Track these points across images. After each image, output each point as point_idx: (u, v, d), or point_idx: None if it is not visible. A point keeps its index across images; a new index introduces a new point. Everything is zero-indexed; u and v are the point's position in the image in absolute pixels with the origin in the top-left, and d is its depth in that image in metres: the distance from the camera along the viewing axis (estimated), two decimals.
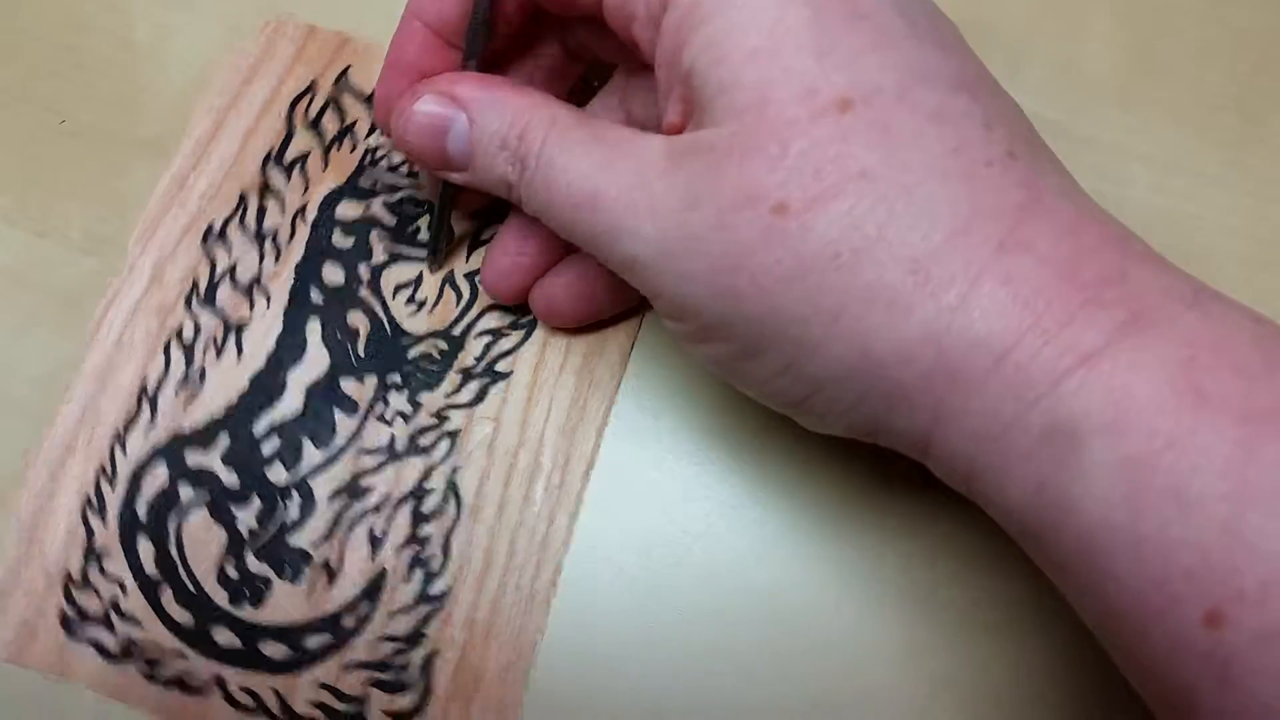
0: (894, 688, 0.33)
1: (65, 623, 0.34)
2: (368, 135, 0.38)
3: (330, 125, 0.38)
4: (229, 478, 0.34)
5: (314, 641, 0.33)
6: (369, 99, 0.38)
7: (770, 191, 0.24)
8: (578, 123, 0.28)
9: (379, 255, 0.36)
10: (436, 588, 0.33)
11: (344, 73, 0.38)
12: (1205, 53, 0.38)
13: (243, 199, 0.37)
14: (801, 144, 0.24)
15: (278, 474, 0.34)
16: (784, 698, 0.33)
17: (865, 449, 0.34)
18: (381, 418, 0.35)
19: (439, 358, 0.35)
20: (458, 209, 0.36)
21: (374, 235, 0.36)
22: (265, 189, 0.37)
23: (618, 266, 0.27)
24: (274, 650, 0.33)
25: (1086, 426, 0.22)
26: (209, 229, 0.37)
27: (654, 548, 0.34)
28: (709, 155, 0.25)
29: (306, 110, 0.38)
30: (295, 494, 0.34)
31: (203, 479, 0.34)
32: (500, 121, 0.29)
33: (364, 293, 0.36)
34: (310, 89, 0.38)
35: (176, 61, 0.39)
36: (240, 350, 0.35)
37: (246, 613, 0.33)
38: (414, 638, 0.33)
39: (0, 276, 0.37)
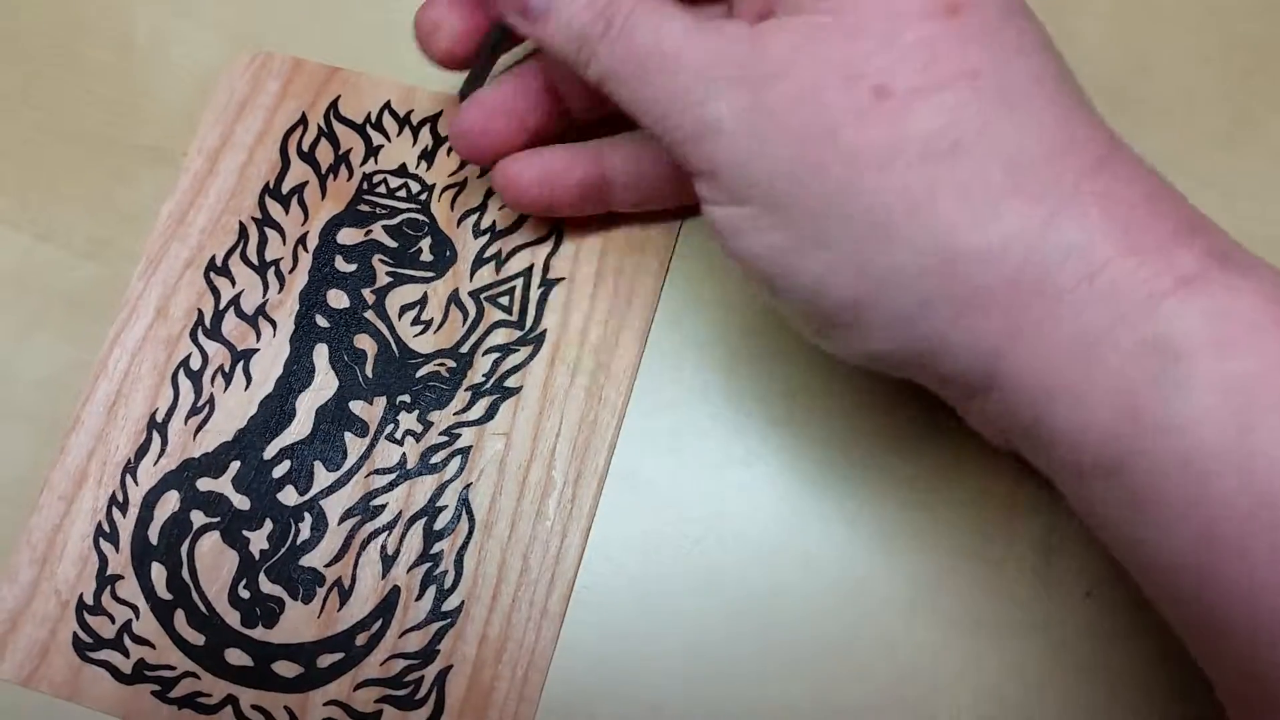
0: (896, 687, 0.33)
1: (78, 646, 0.34)
2: (363, 162, 0.38)
3: (324, 155, 0.38)
4: (240, 502, 0.35)
5: (326, 660, 0.33)
6: (361, 127, 0.38)
7: (874, 73, 0.24)
8: None
9: (382, 278, 0.36)
10: (449, 604, 0.33)
11: (334, 103, 0.39)
12: (1198, 54, 0.38)
13: (243, 231, 0.37)
14: (912, 35, 0.24)
15: (289, 496, 0.34)
16: (790, 699, 0.33)
17: (868, 450, 0.35)
18: (392, 437, 0.35)
19: (447, 376, 0.35)
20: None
21: (376, 259, 0.37)
22: (265, 220, 0.37)
23: (687, 133, 0.26)
24: (286, 669, 0.33)
25: (1188, 344, 0.21)
26: (211, 262, 0.37)
27: (658, 551, 0.34)
28: (811, 30, 0.24)
29: (300, 141, 0.38)
30: (307, 515, 0.34)
31: (214, 504, 0.35)
32: None
33: (369, 315, 0.36)
34: (302, 121, 0.39)
35: (177, 68, 0.40)
36: (249, 377, 0.36)
37: (259, 633, 0.33)
38: (427, 654, 0.33)
39: (3, 279, 0.38)
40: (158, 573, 0.34)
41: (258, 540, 0.34)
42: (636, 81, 0.26)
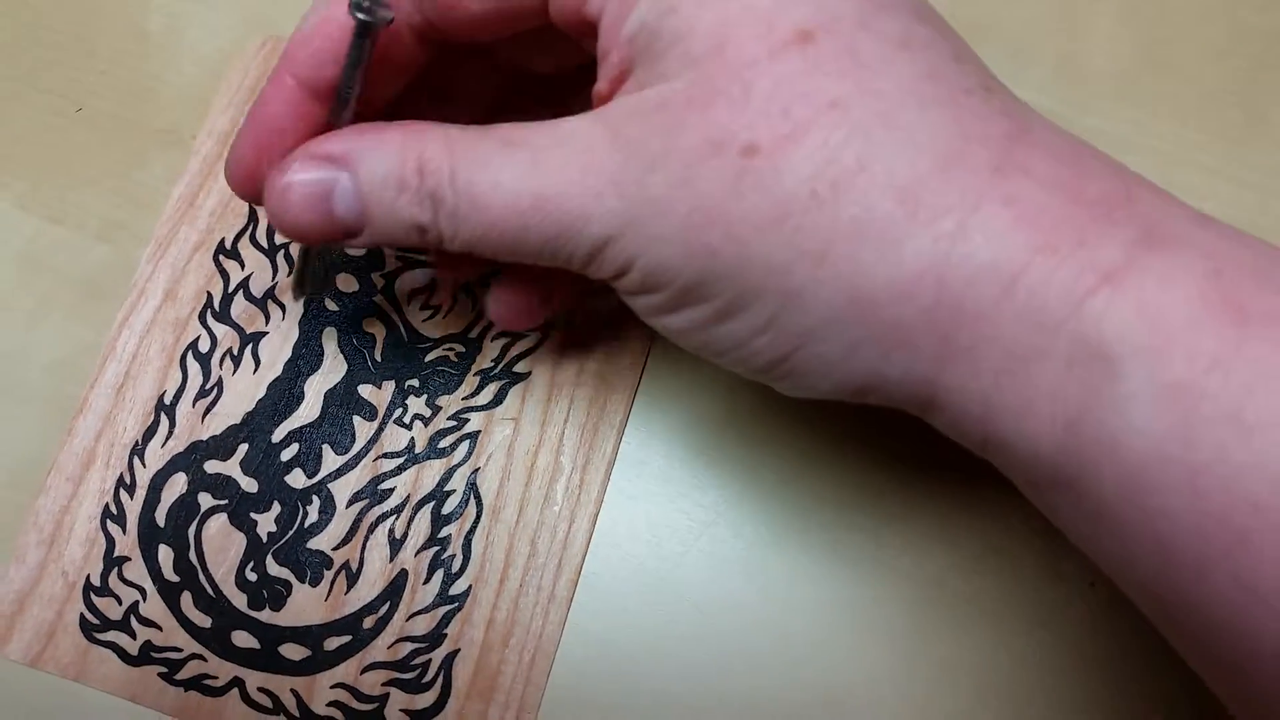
0: (901, 674, 0.33)
1: (85, 627, 0.34)
2: None
3: None
4: (248, 484, 0.35)
5: (333, 643, 0.33)
6: None
7: (736, 135, 0.22)
8: (478, 135, 0.25)
9: (391, 262, 0.36)
10: (456, 588, 0.33)
11: None
12: (1208, 48, 0.38)
13: (252, 214, 0.37)
14: (765, 83, 0.22)
15: (297, 479, 0.34)
16: (794, 683, 0.33)
17: (872, 436, 0.35)
18: (400, 421, 0.35)
19: (456, 361, 0.35)
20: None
21: None
22: None
23: (584, 258, 0.25)
24: (293, 652, 0.33)
25: (1120, 350, 0.20)
26: (220, 244, 0.37)
27: (667, 538, 0.34)
28: (663, 112, 0.23)
29: None
30: (315, 498, 0.34)
31: (222, 486, 0.35)
32: (388, 163, 0.25)
33: (378, 300, 0.36)
34: None
35: (190, 52, 0.40)
36: (257, 360, 0.36)
37: (266, 615, 0.33)
38: (434, 638, 0.33)
39: (15, 262, 0.38)
40: (165, 555, 0.34)
41: (265, 523, 0.34)
42: (507, 238, 0.25)
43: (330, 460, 0.35)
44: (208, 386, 0.35)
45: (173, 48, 0.40)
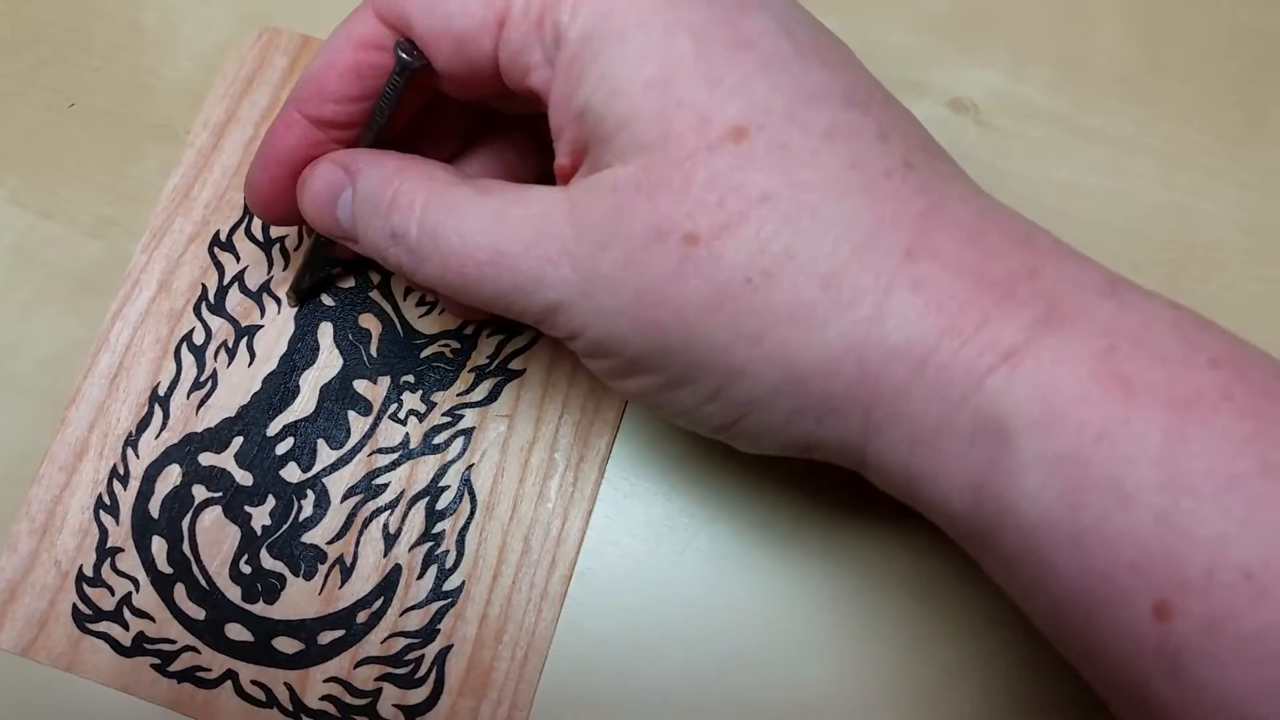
0: (907, 676, 0.33)
1: (77, 617, 0.34)
2: None
3: None
4: (243, 477, 0.35)
5: (327, 637, 0.33)
6: None
7: (679, 224, 0.24)
8: (458, 181, 0.27)
9: None
10: (450, 584, 0.34)
11: None
12: (1210, 50, 0.38)
13: (248, 207, 0.37)
14: (704, 174, 0.24)
15: (292, 473, 0.35)
16: (795, 684, 0.33)
17: None
18: (395, 417, 0.35)
19: (451, 357, 0.35)
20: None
21: None
22: None
23: (536, 316, 0.27)
24: (287, 645, 0.33)
25: (1015, 424, 0.22)
26: (215, 237, 0.37)
27: (662, 535, 0.34)
28: (614, 195, 0.25)
29: None
30: (309, 492, 0.34)
31: (217, 479, 0.35)
32: (373, 185, 0.28)
33: (374, 295, 0.36)
34: None
35: (185, 47, 0.40)
36: (252, 353, 0.36)
37: (260, 608, 0.34)
38: (427, 634, 0.33)
39: (8, 256, 0.38)
40: (158, 546, 0.34)
41: (260, 516, 0.34)
42: (465, 283, 0.27)
43: (325, 455, 0.35)
44: (202, 379, 0.36)
45: (168, 43, 0.40)
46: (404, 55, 0.27)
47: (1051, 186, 0.37)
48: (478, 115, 0.33)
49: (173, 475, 0.35)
